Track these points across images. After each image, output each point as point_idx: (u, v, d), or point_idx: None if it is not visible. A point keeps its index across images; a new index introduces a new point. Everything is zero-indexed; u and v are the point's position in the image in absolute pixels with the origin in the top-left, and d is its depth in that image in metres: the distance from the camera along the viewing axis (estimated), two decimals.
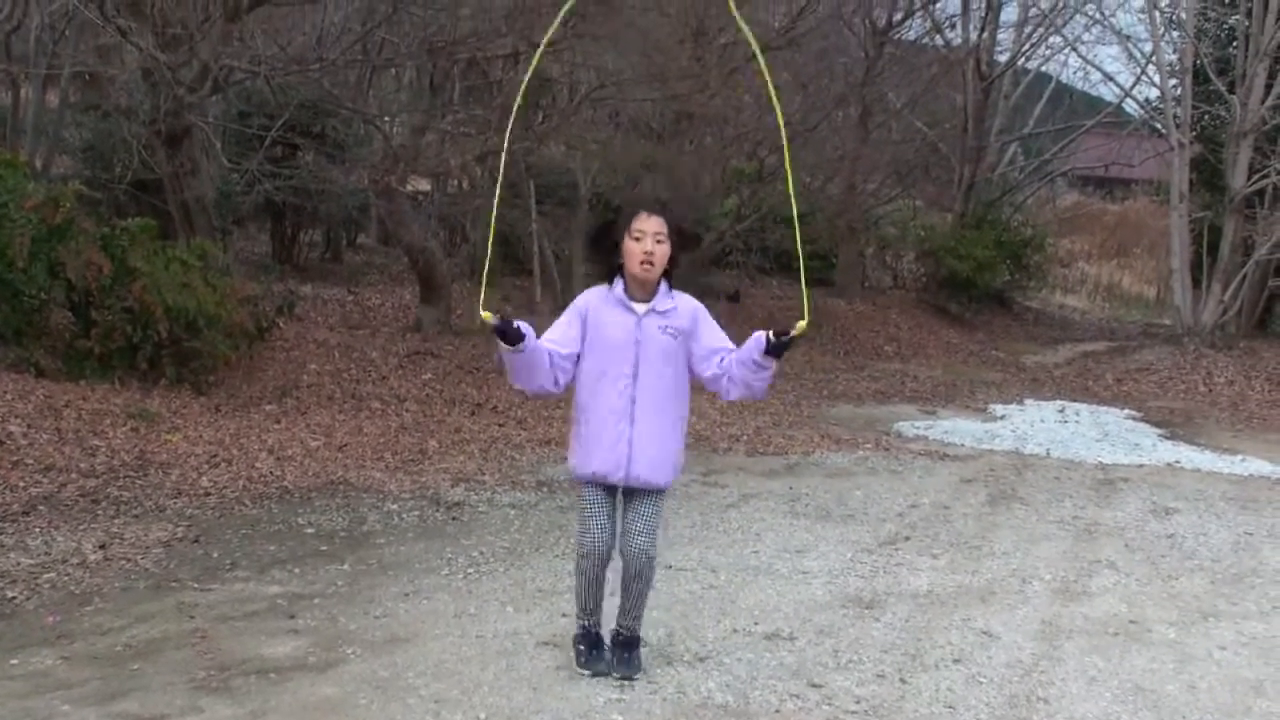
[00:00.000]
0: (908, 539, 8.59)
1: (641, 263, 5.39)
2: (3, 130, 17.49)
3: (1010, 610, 7.03)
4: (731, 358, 5.46)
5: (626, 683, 5.51)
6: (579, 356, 5.48)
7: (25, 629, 5.92)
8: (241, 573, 6.98)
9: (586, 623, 5.72)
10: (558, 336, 5.48)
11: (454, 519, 8.43)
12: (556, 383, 5.45)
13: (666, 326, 5.45)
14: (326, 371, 12.93)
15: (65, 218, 10.75)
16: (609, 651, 5.70)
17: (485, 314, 5.11)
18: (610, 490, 5.56)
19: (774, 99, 6.26)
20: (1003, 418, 15.03)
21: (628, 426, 5.42)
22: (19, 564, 6.79)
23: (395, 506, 8.61)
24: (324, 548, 7.56)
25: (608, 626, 5.76)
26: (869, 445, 12.27)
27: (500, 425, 11.70)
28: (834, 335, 20.91)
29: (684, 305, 5.54)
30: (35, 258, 10.57)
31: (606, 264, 5.61)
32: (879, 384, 17.12)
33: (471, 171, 19.03)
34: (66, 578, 6.67)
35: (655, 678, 5.59)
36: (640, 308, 5.45)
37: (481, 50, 13.92)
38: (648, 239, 5.38)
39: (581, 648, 5.70)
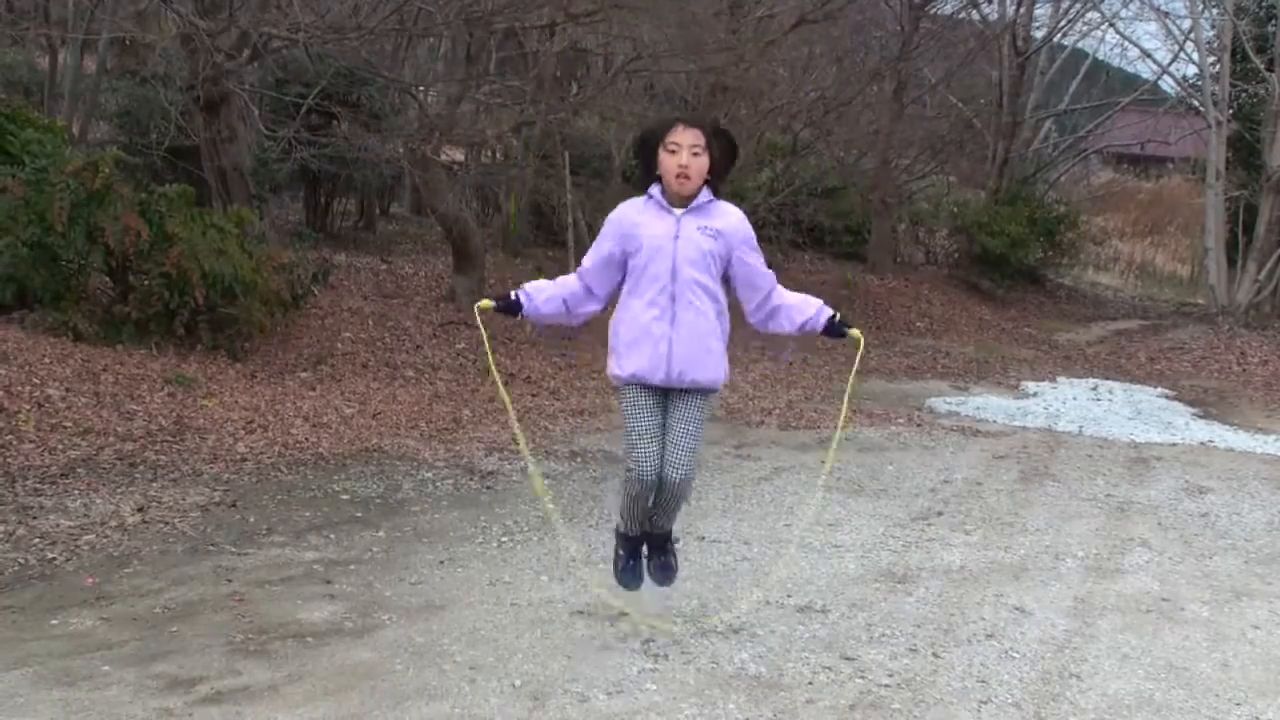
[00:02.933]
0: (940, 514, 8.60)
1: (677, 176, 5.36)
2: (41, 95, 17.56)
3: (1043, 587, 7.03)
4: (778, 300, 5.55)
5: (657, 646, 5.53)
6: (624, 264, 5.49)
7: (65, 590, 5.99)
8: (278, 538, 7.04)
9: (631, 528, 5.72)
10: (590, 258, 5.57)
11: (488, 488, 8.48)
12: (596, 298, 5.60)
13: (705, 226, 5.41)
14: (361, 340, 12.98)
15: (104, 183, 10.80)
16: (644, 558, 5.77)
17: (482, 303, 5.49)
18: (656, 400, 5.48)
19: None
20: (1035, 395, 14.99)
21: (668, 327, 5.37)
22: (58, 525, 6.86)
23: (430, 475, 8.66)
24: (359, 514, 7.61)
25: None
26: (901, 420, 12.26)
27: (534, 396, 11.74)
28: (866, 311, 20.86)
29: (725, 208, 5.52)
30: (74, 222, 10.63)
31: (646, 173, 5.55)
32: (911, 360, 17.09)
33: (507, 142, 19.03)
34: (105, 540, 6.74)
35: (689, 648, 5.63)
36: (678, 210, 5.42)
37: (519, 20, 13.91)
38: (683, 151, 5.34)
39: (622, 553, 5.75)
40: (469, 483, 8.55)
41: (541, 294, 5.52)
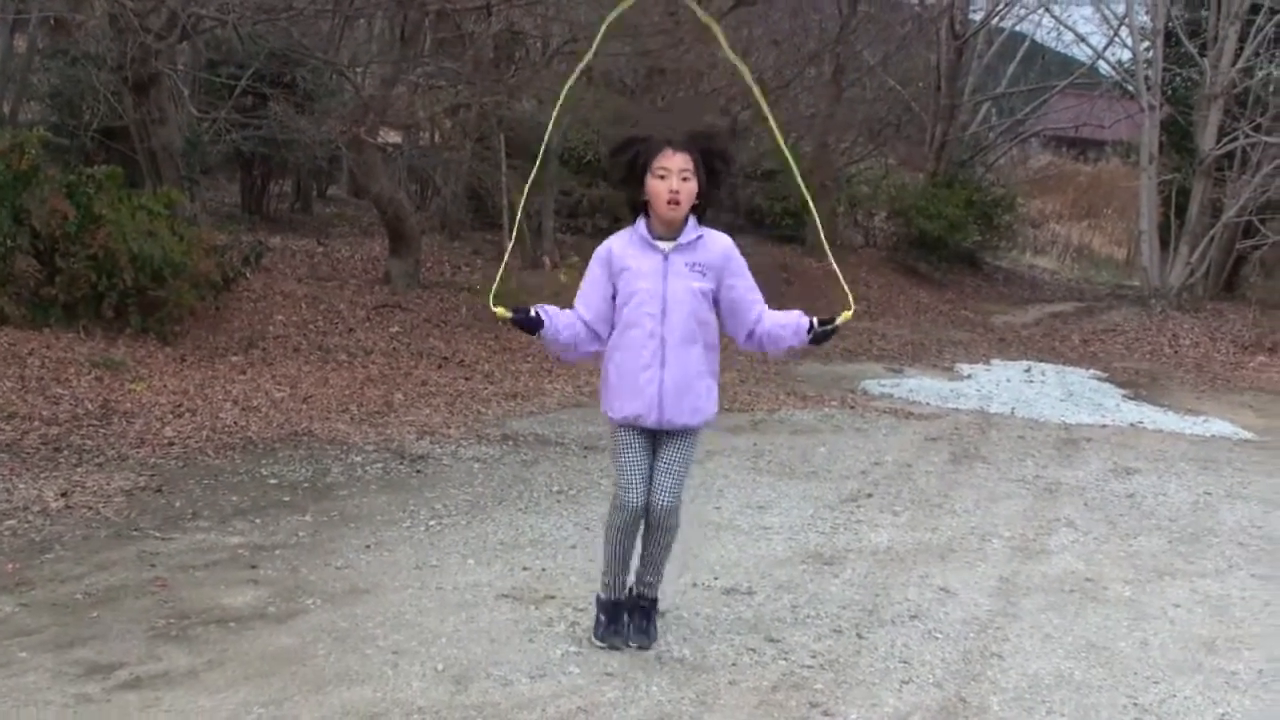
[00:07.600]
0: (870, 496, 8.64)
1: (668, 202, 5.13)
2: None
3: (969, 568, 7.08)
4: (764, 326, 5.31)
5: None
6: (614, 298, 5.26)
7: None
8: (203, 522, 6.99)
9: (612, 592, 5.51)
10: (585, 300, 5.28)
11: (418, 472, 8.44)
12: (599, 339, 5.31)
13: (695, 264, 5.21)
14: (293, 323, 12.90)
15: (30, 164, 10.68)
16: (625, 621, 5.54)
17: (499, 309, 5.06)
18: (647, 435, 5.33)
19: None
20: (969, 377, 15.09)
21: (658, 369, 5.19)
22: None
23: (359, 458, 8.61)
24: (286, 499, 7.56)
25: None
26: (834, 403, 12.31)
27: (466, 379, 11.70)
28: (803, 293, 20.88)
29: (713, 241, 5.29)
30: None
31: (630, 198, 5.31)
32: (846, 342, 17.12)
33: (441, 124, 18.95)
34: (27, 525, 6.67)
35: None
36: (666, 245, 5.20)
37: (452, 2, 13.84)
38: (673, 177, 5.11)
39: (603, 618, 5.52)
40: (398, 466, 8.52)
41: (560, 318, 5.21)
